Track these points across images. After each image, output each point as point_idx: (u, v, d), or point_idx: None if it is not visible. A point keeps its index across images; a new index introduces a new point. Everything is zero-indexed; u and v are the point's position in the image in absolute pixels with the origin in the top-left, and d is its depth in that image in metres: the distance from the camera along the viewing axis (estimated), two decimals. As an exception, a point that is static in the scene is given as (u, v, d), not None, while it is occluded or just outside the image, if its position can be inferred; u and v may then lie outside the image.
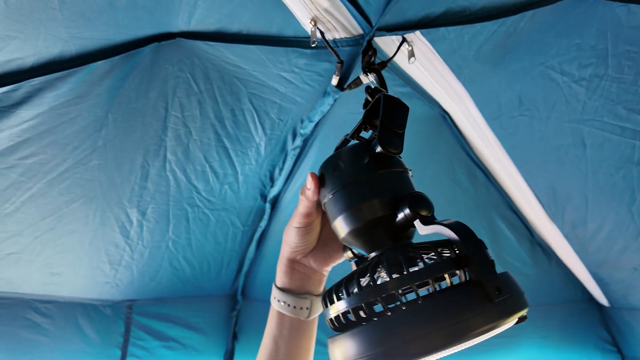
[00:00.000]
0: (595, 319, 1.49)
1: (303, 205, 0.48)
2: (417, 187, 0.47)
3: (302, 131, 0.82)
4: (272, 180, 0.97)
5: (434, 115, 0.90)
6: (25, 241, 0.90)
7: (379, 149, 0.44)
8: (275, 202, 1.04)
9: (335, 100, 0.73)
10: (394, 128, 0.46)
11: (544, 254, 1.33)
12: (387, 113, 0.46)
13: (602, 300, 1.43)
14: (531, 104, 0.84)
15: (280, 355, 0.51)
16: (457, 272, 0.39)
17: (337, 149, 0.56)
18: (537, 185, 1.05)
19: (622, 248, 1.16)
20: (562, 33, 0.72)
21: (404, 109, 0.48)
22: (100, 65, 0.70)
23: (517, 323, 0.38)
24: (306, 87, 0.73)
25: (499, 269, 0.36)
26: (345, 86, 0.68)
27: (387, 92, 0.56)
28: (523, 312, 0.36)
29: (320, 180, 0.47)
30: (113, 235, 0.95)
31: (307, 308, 0.51)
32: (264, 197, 1.01)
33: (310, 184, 0.47)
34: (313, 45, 0.60)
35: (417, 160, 0.97)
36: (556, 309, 1.48)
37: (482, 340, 0.35)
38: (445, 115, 0.91)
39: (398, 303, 0.44)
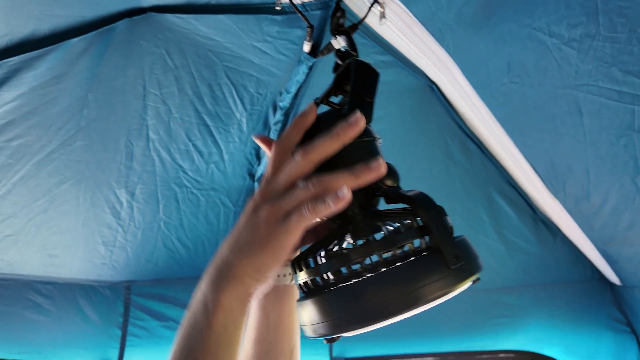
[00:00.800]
0: (607, 298, 1.44)
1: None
2: (409, 163, 0.47)
3: (281, 104, 0.81)
4: (258, 158, 0.96)
5: (421, 86, 0.87)
6: (20, 223, 0.92)
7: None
8: (264, 181, 1.03)
9: (310, 69, 0.71)
10: (364, 97, 0.45)
11: (548, 231, 1.29)
12: (358, 81, 0.45)
13: (613, 278, 1.38)
14: (521, 70, 0.81)
15: (271, 320, 0.51)
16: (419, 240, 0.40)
17: None
18: (535, 158, 1.02)
19: (629, 223, 1.11)
20: (548, -10, 0.68)
21: (375, 76, 0.47)
22: (76, 43, 0.70)
23: (473, 284, 0.39)
24: (281, 57, 0.72)
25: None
26: (318, 52, 0.66)
27: (357, 56, 0.54)
28: (477, 275, 0.37)
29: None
30: (104, 216, 0.96)
31: (289, 274, 0.50)
32: (252, 175, 1.01)
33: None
34: (278, 9, 0.58)
35: (407, 134, 0.95)
36: (564, 288, 1.44)
37: (441, 302, 0.37)
38: (432, 86, 0.88)
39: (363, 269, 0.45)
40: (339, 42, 0.59)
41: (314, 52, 0.67)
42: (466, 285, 0.37)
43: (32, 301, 1.05)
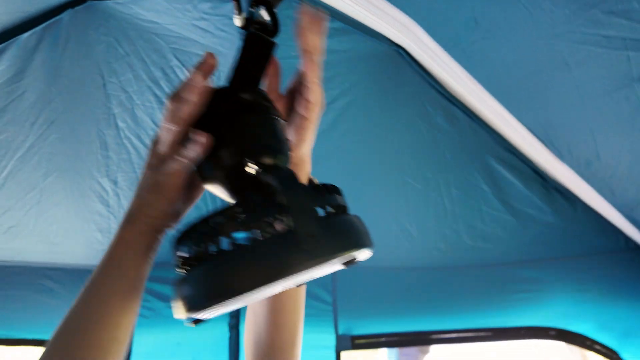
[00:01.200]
0: (645, 268, 1.31)
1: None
2: (388, 135, 0.44)
3: (233, 83, 0.79)
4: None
5: (385, 52, 0.82)
6: (18, 215, 0.99)
7: (234, 95, 0.43)
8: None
9: (250, 45, 0.68)
10: (250, 73, 0.45)
11: (564, 200, 1.19)
12: (245, 57, 0.45)
13: (649, 247, 1.25)
14: (490, 24, 0.73)
15: (271, 315, 0.52)
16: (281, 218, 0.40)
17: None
18: (528, 119, 0.93)
19: (652, 184, 1.00)
20: None
21: (267, 50, 0.46)
22: (26, 38, 0.72)
23: (347, 265, 0.39)
24: (222, 34, 0.70)
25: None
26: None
27: (277, 29, 0.52)
28: (337, 256, 0.36)
29: None
30: (94, 204, 1.00)
31: None
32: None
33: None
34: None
35: (379, 104, 0.90)
36: (592, 259, 1.33)
37: (297, 282, 0.37)
38: (399, 51, 0.82)
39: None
40: (264, 15, 0.56)
41: (247, 26, 0.64)
42: (327, 265, 0.36)
43: (44, 286, 1.12)
